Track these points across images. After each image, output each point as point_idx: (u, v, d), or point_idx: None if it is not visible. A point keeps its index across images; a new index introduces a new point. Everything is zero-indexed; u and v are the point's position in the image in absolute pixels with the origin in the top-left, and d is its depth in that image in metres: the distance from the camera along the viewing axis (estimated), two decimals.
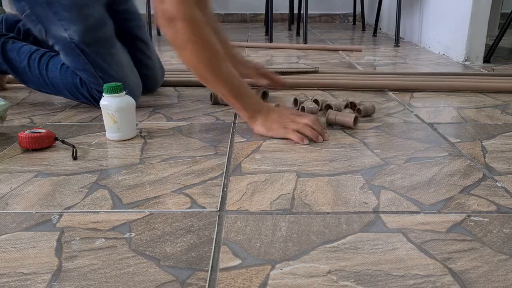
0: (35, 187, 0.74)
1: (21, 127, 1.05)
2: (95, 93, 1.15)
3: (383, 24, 3.11)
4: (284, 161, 0.85)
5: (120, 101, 0.95)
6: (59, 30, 1.11)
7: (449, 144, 0.94)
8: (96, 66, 1.12)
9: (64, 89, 1.18)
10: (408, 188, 0.74)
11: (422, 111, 1.18)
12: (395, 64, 1.86)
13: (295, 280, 0.51)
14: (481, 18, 1.82)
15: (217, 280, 0.51)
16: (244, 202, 0.69)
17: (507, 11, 2.09)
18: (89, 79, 1.14)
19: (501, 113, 1.17)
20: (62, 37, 1.11)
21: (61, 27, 1.11)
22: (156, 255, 0.56)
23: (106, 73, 1.13)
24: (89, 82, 1.14)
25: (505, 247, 0.57)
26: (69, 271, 0.53)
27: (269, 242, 0.59)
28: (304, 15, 2.47)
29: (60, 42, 1.13)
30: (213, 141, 0.96)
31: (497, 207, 0.68)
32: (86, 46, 1.11)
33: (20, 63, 1.19)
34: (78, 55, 1.12)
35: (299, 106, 1.15)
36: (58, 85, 1.18)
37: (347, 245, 0.58)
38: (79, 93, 1.17)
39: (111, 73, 1.13)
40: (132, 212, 0.66)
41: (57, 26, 1.11)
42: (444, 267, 0.53)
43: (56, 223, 0.63)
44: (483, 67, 1.81)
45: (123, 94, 0.96)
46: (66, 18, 1.10)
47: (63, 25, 1.10)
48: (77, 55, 1.12)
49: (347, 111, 1.08)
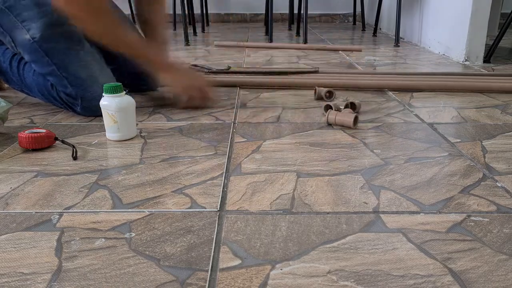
0: (35, 187, 0.74)
1: (21, 127, 1.05)
2: (63, 96, 1.12)
3: (383, 24, 3.11)
4: (284, 161, 0.85)
5: (120, 101, 0.94)
6: (23, 34, 1.09)
7: (449, 144, 0.94)
8: (60, 67, 1.09)
9: (39, 92, 1.17)
10: (408, 188, 0.74)
11: (422, 111, 1.18)
12: (395, 64, 1.86)
13: (295, 280, 0.51)
14: (481, 18, 1.82)
15: (217, 280, 0.51)
16: (244, 202, 0.69)
17: (507, 11, 2.09)
18: (55, 81, 1.11)
19: (501, 113, 1.17)
20: (25, 41, 1.09)
21: (23, 30, 1.09)
22: (156, 255, 0.56)
23: (70, 72, 1.09)
24: (56, 85, 1.11)
25: (505, 247, 0.57)
26: (69, 271, 0.53)
27: (269, 242, 0.59)
28: (304, 15, 2.47)
29: (25, 47, 1.10)
30: (213, 141, 0.96)
31: (497, 207, 0.68)
32: (47, 43, 1.08)
33: (3, 63, 1.19)
34: (42, 57, 1.09)
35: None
36: (32, 87, 1.17)
37: (347, 245, 0.58)
38: (51, 96, 1.14)
39: (75, 72, 1.09)
40: (132, 212, 0.66)
41: (20, 30, 1.09)
42: (444, 267, 0.53)
43: (56, 223, 0.63)
44: (483, 67, 1.81)
45: (123, 94, 0.96)
46: (27, 18, 1.09)
47: (25, 26, 1.09)
48: (41, 57, 1.09)
49: (347, 111, 1.08)
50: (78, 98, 1.09)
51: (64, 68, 1.09)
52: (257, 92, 1.38)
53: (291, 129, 1.04)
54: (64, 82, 1.10)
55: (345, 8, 3.76)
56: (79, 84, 1.09)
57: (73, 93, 1.09)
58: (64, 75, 1.09)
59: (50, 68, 1.10)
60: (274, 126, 1.05)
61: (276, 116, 1.14)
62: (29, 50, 1.10)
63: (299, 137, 0.98)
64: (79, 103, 1.10)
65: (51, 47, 1.09)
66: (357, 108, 1.15)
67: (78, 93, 1.09)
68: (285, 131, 1.02)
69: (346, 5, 3.71)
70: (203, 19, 3.18)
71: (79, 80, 1.09)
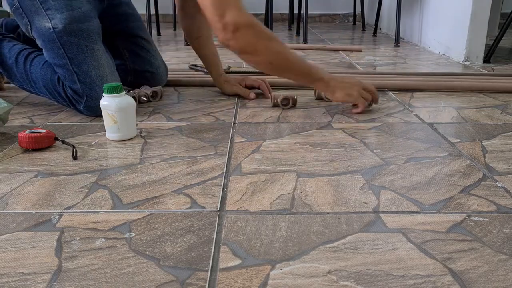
0: (35, 187, 0.74)
1: (21, 127, 1.05)
2: (69, 91, 1.12)
3: (383, 24, 3.11)
4: (284, 161, 0.85)
5: (120, 101, 0.95)
6: (44, 21, 1.10)
7: (449, 144, 0.94)
8: (73, 62, 1.09)
9: (43, 85, 1.16)
10: (408, 188, 0.74)
11: (422, 111, 1.18)
12: (395, 64, 1.86)
13: (295, 280, 0.51)
14: (481, 18, 1.82)
15: (217, 280, 0.51)
16: (244, 202, 0.69)
17: (507, 11, 2.09)
18: (65, 75, 1.11)
19: (501, 113, 1.17)
20: (45, 29, 1.10)
21: (46, 17, 1.10)
22: (156, 255, 0.56)
23: (82, 69, 1.09)
24: (64, 79, 1.11)
25: (505, 247, 0.57)
26: (69, 271, 0.53)
27: (269, 242, 0.59)
28: (304, 15, 2.47)
29: (42, 35, 1.11)
30: (213, 141, 0.96)
31: (497, 207, 0.68)
32: (67, 36, 1.09)
33: (9, 59, 1.19)
34: (58, 48, 1.10)
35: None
36: (37, 81, 1.17)
37: (347, 245, 0.58)
38: (55, 90, 1.14)
39: (87, 69, 1.10)
40: (132, 212, 0.66)
41: (42, 17, 1.10)
42: (444, 267, 0.53)
43: (56, 223, 0.63)
44: (483, 67, 1.81)
45: (123, 94, 0.96)
46: (52, 7, 1.09)
47: (49, 15, 1.09)
48: (57, 48, 1.10)
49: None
50: (83, 96, 1.10)
51: (77, 64, 1.10)
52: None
53: (291, 129, 1.04)
54: (74, 77, 1.10)
55: (345, 8, 3.76)
56: (88, 82, 1.09)
57: (80, 90, 1.10)
58: (75, 71, 1.10)
59: (62, 61, 1.10)
60: (274, 126, 1.05)
61: (276, 116, 1.14)
62: (46, 38, 1.11)
63: (299, 137, 0.98)
64: (83, 101, 1.10)
65: (69, 41, 1.10)
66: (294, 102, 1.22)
67: (85, 91, 1.09)
68: (285, 131, 1.02)
69: (346, 5, 3.71)
70: None
71: (89, 78, 1.09)
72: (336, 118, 1.12)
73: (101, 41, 1.15)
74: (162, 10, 3.23)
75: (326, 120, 1.10)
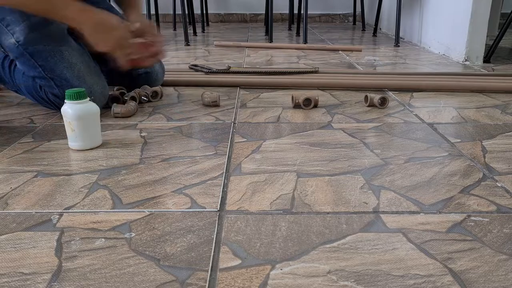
0: (35, 187, 0.74)
1: (21, 127, 1.05)
2: (50, 96, 1.12)
3: (383, 24, 3.11)
4: (284, 161, 0.85)
5: (79, 109, 0.89)
6: (8, 38, 1.09)
7: (449, 144, 0.94)
8: (45, 69, 1.08)
9: (27, 92, 1.17)
10: (408, 188, 0.74)
11: (422, 111, 1.18)
12: (395, 64, 1.86)
13: (295, 280, 0.51)
14: (481, 18, 1.82)
15: (217, 280, 0.51)
16: (244, 202, 0.69)
17: (507, 11, 2.09)
18: (43, 83, 1.10)
19: (501, 113, 1.17)
20: (11, 45, 1.09)
21: (8, 34, 1.09)
22: (156, 255, 0.56)
23: (55, 74, 1.08)
24: (44, 86, 1.11)
25: (505, 247, 0.57)
26: (69, 271, 0.53)
27: (269, 242, 0.59)
28: (304, 15, 2.47)
29: (11, 51, 1.10)
30: (213, 141, 0.96)
31: (497, 207, 0.68)
32: (32, 45, 1.08)
33: None
34: (28, 60, 1.09)
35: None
36: (22, 88, 1.17)
37: (347, 245, 0.58)
38: (40, 97, 1.14)
39: (61, 72, 1.08)
40: (132, 212, 0.66)
41: (6, 34, 1.09)
42: (444, 267, 0.53)
43: (56, 223, 0.63)
44: (483, 67, 1.81)
45: (86, 101, 0.90)
46: (10, 22, 1.08)
47: (10, 30, 1.08)
48: (27, 60, 1.09)
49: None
50: (64, 99, 1.09)
51: (50, 70, 1.09)
52: (257, 92, 1.38)
53: (291, 129, 1.04)
54: (51, 83, 1.10)
55: (345, 8, 3.76)
56: (64, 85, 1.08)
57: (60, 93, 1.09)
58: (50, 76, 1.09)
59: (36, 70, 1.10)
60: (274, 126, 1.05)
61: (276, 116, 1.14)
62: (15, 53, 1.10)
63: (299, 137, 0.98)
64: None
65: (35, 49, 1.08)
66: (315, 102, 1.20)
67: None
68: (285, 131, 1.02)
69: (346, 5, 3.71)
70: (203, 19, 3.19)
71: (65, 80, 1.08)
72: (336, 118, 1.12)
73: (68, 40, 1.12)
74: (162, 10, 3.24)
75: (326, 120, 1.10)
